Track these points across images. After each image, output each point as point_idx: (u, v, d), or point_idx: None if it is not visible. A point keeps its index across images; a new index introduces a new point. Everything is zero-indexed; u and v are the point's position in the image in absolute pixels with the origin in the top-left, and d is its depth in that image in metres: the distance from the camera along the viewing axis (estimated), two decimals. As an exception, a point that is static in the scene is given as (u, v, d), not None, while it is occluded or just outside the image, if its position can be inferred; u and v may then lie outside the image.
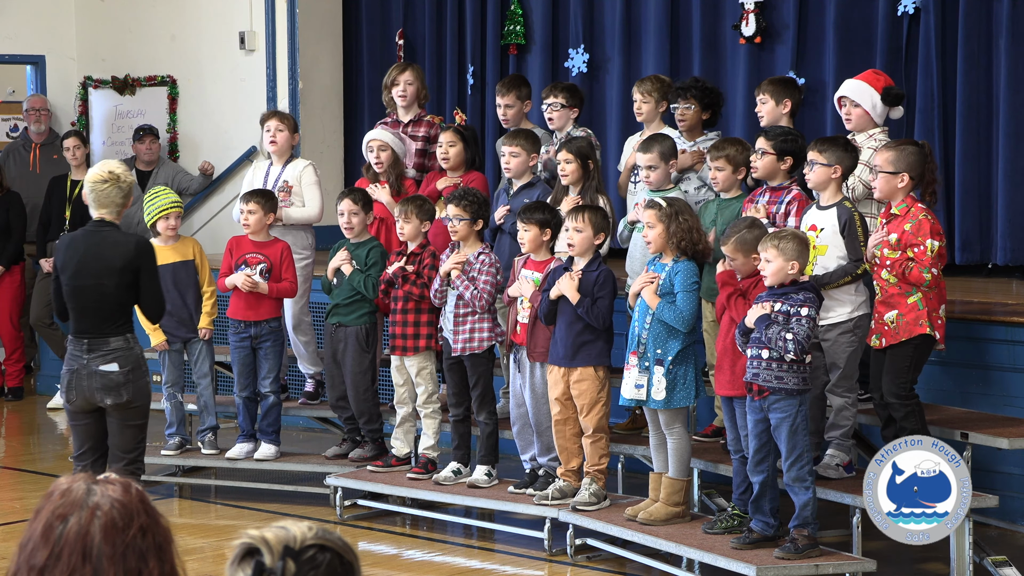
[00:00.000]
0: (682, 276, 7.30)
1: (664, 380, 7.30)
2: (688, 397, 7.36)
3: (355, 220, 8.75)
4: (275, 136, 9.32)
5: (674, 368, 7.32)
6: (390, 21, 12.55)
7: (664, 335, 7.32)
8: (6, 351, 12.41)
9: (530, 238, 7.92)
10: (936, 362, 8.01)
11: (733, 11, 10.66)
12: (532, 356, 7.94)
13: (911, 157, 7.13)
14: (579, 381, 7.68)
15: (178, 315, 9.05)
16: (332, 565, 2.35)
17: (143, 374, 7.04)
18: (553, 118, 8.88)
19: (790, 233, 6.90)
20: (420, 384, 8.57)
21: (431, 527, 8.59)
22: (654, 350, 7.33)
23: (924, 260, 7.03)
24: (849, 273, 7.21)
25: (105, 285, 6.96)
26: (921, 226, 7.07)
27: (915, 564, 7.60)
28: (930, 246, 7.04)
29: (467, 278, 8.18)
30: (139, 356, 7.03)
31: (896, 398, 7.13)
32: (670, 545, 7.25)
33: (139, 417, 7.08)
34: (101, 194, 7.01)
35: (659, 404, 7.35)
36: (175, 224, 9.03)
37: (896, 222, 7.14)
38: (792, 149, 7.59)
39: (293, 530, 2.35)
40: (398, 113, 9.49)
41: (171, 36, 13.02)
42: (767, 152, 7.61)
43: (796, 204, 7.56)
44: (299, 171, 9.32)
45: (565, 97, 8.88)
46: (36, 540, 2.47)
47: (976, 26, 9.70)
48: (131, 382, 6.96)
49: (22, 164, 12.76)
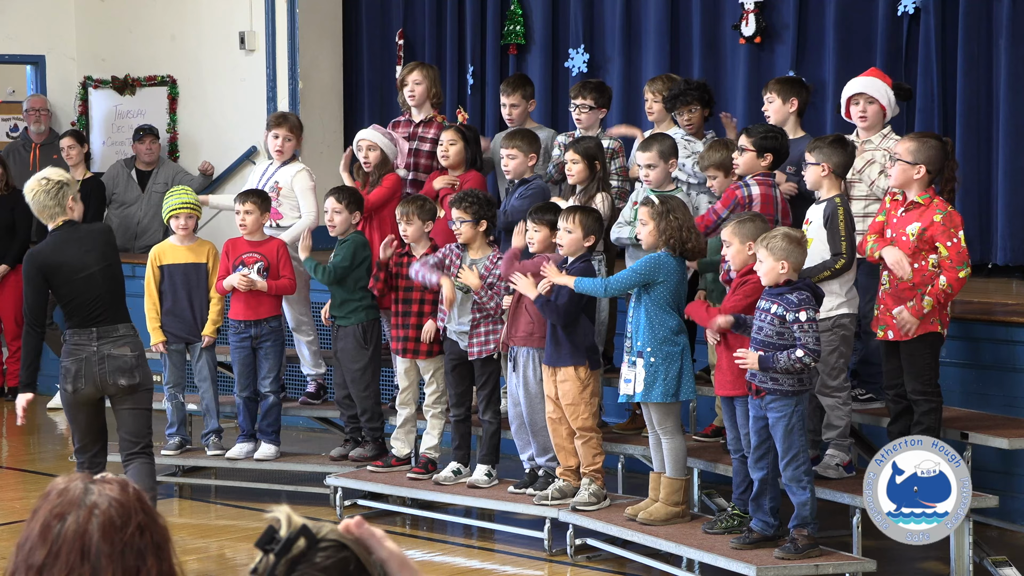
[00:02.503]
0: (641, 261, 7.35)
1: (643, 372, 7.31)
2: (668, 393, 7.32)
3: (337, 219, 8.76)
4: (282, 146, 9.34)
5: (655, 362, 7.32)
6: (390, 21, 12.54)
7: (644, 327, 7.34)
8: (9, 349, 12.41)
9: (540, 239, 7.92)
10: (936, 362, 8.01)
11: (733, 11, 10.66)
12: (512, 340, 7.96)
13: (932, 151, 7.13)
14: (562, 381, 7.71)
15: (182, 316, 9.06)
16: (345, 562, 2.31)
17: (145, 360, 7.27)
18: (582, 119, 8.84)
19: (780, 233, 6.89)
20: (431, 384, 8.58)
21: (431, 527, 8.59)
22: (635, 343, 7.37)
23: (960, 255, 7.02)
24: (828, 268, 7.20)
25: (106, 272, 7.15)
26: (952, 218, 7.06)
27: (915, 564, 7.60)
28: (962, 238, 7.05)
29: (485, 284, 8.19)
30: (141, 343, 7.30)
31: (922, 395, 7.14)
32: (670, 545, 7.25)
33: (147, 402, 7.31)
34: (34, 203, 7.22)
35: (639, 397, 7.38)
36: (185, 224, 9.04)
37: (918, 211, 7.11)
38: (772, 146, 7.61)
39: (325, 525, 2.34)
40: (411, 113, 9.49)
41: (171, 36, 13.02)
42: (747, 149, 7.64)
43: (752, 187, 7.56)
44: (291, 176, 9.30)
45: (594, 98, 8.83)
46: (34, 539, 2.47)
47: (976, 26, 9.70)
48: (141, 366, 7.18)
49: (22, 164, 12.76)
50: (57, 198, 7.13)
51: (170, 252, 9.09)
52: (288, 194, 9.29)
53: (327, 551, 2.31)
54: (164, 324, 9.09)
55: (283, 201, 9.29)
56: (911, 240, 7.06)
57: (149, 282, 9.10)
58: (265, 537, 2.31)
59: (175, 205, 9.04)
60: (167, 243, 9.17)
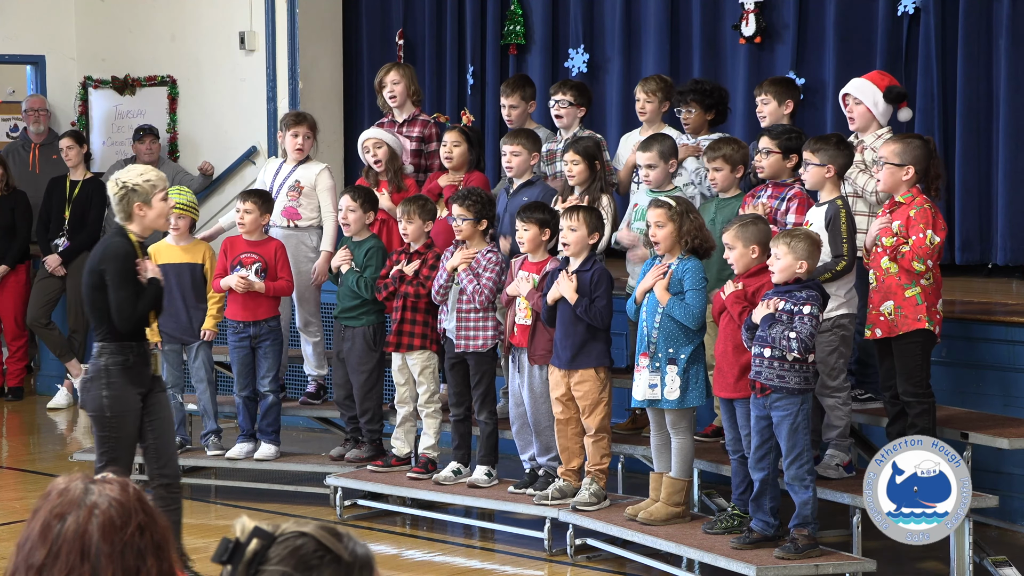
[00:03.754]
0: (691, 274, 7.30)
1: (678, 379, 7.30)
2: (700, 396, 7.37)
3: (352, 217, 8.75)
4: (303, 144, 9.34)
5: (688, 368, 7.31)
6: (390, 21, 12.54)
7: (676, 334, 7.31)
8: (9, 349, 12.41)
9: (529, 237, 7.92)
10: (936, 362, 7.99)
11: (733, 11, 10.66)
12: (533, 359, 7.93)
13: (917, 151, 7.15)
14: (581, 383, 7.68)
15: (176, 317, 9.05)
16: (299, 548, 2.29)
17: (102, 387, 6.75)
18: (561, 115, 8.88)
19: (803, 232, 6.92)
20: (422, 383, 8.57)
21: (431, 527, 8.59)
22: (665, 349, 7.33)
23: (922, 249, 7.03)
24: (829, 270, 7.21)
25: (86, 290, 6.87)
26: (924, 214, 7.07)
27: (915, 564, 7.60)
28: (930, 237, 7.04)
29: (472, 273, 8.19)
30: (102, 367, 6.76)
31: (913, 396, 7.14)
32: (670, 545, 7.25)
33: (97, 427, 6.83)
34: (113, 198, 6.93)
35: (672, 404, 7.34)
36: (178, 225, 9.01)
37: (900, 210, 7.14)
38: (796, 146, 7.62)
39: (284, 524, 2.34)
40: (394, 114, 9.51)
41: (171, 36, 13.02)
42: (772, 151, 7.63)
43: (796, 201, 7.57)
44: (314, 175, 9.31)
45: (574, 95, 8.89)
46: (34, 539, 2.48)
47: (976, 26, 9.70)
48: (86, 390, 6.84)
49: (21, 164, 12.76)
50: (122, 203, 6.82)
51: (165, 252, 9.08)
52: (309, 193, 9.30)
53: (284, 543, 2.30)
54: (159, 324, 9.08)
55: (303, 201, 9.29)
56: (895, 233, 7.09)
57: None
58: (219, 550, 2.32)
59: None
60: (162, 243, 9.16)
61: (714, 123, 8.66)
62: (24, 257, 12.27)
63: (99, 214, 12.08)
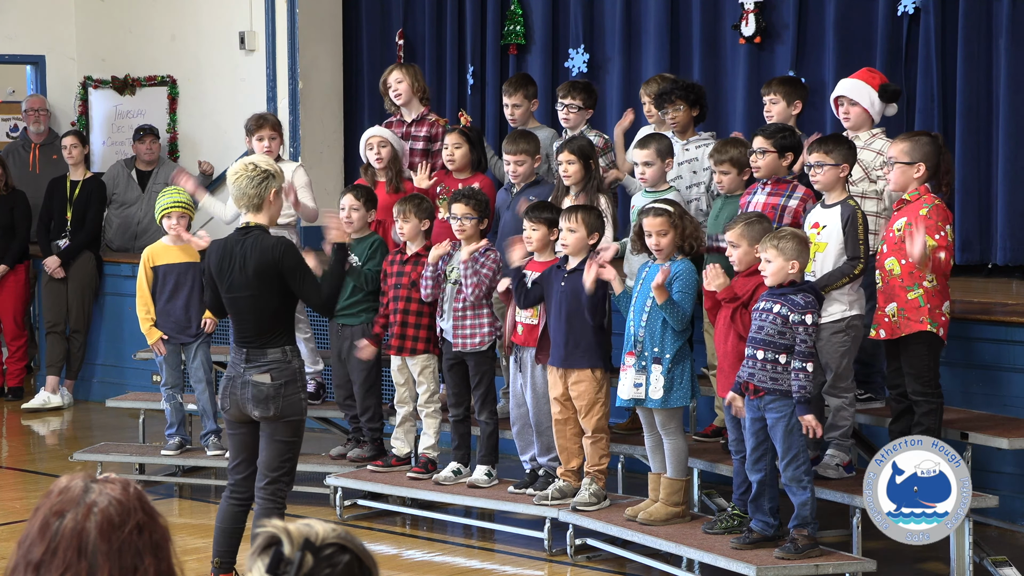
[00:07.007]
0: (682, 278, 7.31)
1: (662, 379, 7.30)
2: (684, 397, 7.37)
3: (355, 215, 8.75)
4: (270, 146, 9.35)
5: (673, 367, 7.31)
6: (390, 21, 12.55)
7: (661, 333, 7.32)
8: (9, 349, 12.41)
9: (538, 237, 7.92)
10: (936, 362, 8.01)
11: (733, 11, 10.66)
12: (539, 359, 7.92)
13: (927, 147, 7.14)
14: (577, 383, 7.68)
15: (175, 317, 9.06)
16: (350, 566, 2.34)
17: (297, 389, 6.66)
18: (569, 118, 8.88)
19: (788, 232, 6.90)
20: (422, 383, 8.57)
21: (431, 527, 8.59)
22: (651, 348, 7.34)
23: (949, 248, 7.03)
24: (846, 274, 7.21)
25: (256, 296, 6.61)
26: (939, 210, 7.06)
27: (915, 564, 7.60)
28: (949, 232, 7.05)
29: (471, 269, 8.18)
30: (296, 370, 6.66)
31: (922, 396, 7.14)
32: (670, 545, 7.25)
33: (288, 433, 6.68)
34: (235, 187, 6.67)
35: (656, 403, 7.35)
36: (176, 224, 9.02)
37: (908, 208, 7.12)
38: (791, 145, 7.62)
39: (317, 527, 2.36)
40: (402, 114, 9.50)
41: (171, 36, 13.02)
42: (768, 151, 7.62)
43: (806, 201, 7.57)
44: (290, 172, 9.30)
45: (583, 99, 8.89)
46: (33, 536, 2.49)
47: (976, 26, 9.70)
48: (282, 396, 6.60)
49: (22, 164, 12.77)
50: (259, 188, 6.61)
51: (162, 253, 9.07)
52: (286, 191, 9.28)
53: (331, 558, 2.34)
54: (158, 325, 9.09)
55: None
56: (895, 235, 7.09)
57: (141, 283, 9.10)
58: (273, 562, 2.32)
59: (167, 204, 9.03)
60: (159, 244, 9.16)
61: (698, 120, 8.66)
62: (24, 257, 12.27)
63: (98, 214, 12.09)
